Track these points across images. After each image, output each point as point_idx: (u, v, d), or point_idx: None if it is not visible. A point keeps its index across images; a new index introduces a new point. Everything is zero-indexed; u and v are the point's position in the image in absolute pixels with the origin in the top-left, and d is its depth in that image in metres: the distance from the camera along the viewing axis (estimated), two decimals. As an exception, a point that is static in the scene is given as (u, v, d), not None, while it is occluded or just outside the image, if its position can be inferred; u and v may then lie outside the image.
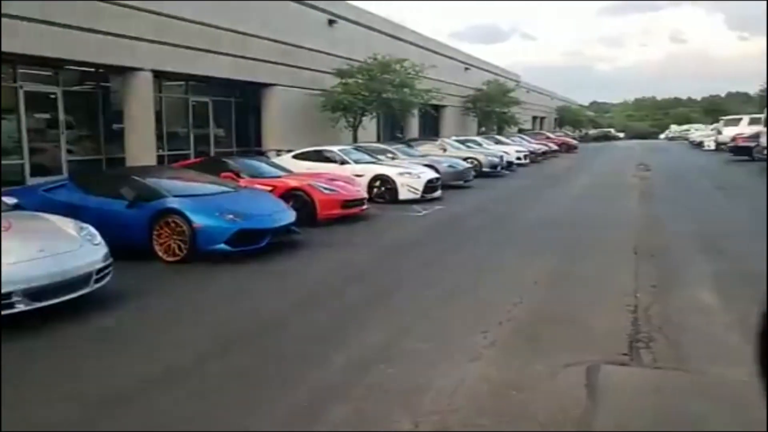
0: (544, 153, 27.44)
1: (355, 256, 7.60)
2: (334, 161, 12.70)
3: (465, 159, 17.77)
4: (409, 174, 12.57)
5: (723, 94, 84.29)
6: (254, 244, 7.14)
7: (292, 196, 9.41)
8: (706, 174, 18.40)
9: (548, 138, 33.28)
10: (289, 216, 7.86)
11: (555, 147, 30.69)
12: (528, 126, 46.87)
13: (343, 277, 6.55)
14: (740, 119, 27.41)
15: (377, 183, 12.45)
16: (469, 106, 32.81)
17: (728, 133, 26.13)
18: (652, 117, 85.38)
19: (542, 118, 55.40)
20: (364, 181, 12.32)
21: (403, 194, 12.29)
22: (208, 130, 16.06)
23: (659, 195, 13.59)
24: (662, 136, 64.13)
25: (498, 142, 24.60)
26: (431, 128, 29.39)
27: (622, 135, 66.67)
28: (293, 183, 9.76)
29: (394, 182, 12.33)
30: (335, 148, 13.17)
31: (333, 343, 4.38)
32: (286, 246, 7.78)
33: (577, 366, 3.86)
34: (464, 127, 32.42)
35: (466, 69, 33.40)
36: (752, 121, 25.00)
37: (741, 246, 7.70)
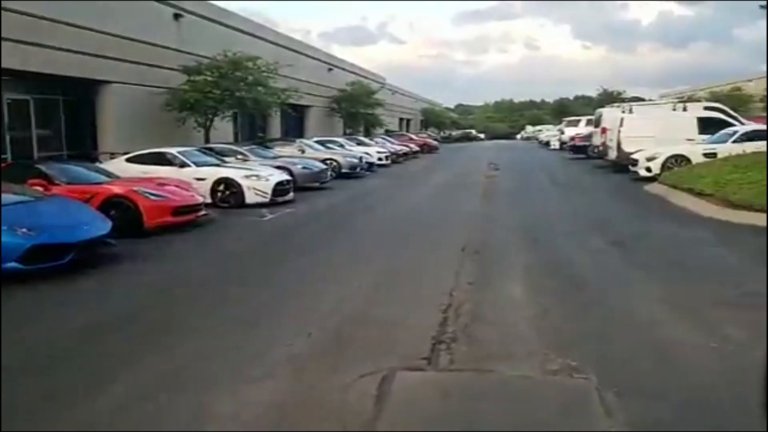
0: (405, 154, 28.11)
1: (175, 270, 6.99)
2: (173, 164, 11.85)
3: (324, 160, 17.57)
4: (257, 177, 12.08)
5: (571, 97, 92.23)
6: (55, 261, 6.30)
7: (115, 204, 8.57)
8: (546, 171, 19.81)
9: (411, 139, 34.25)
10: (102, 227, 7.08)
11: (416, 148, 31.61)
12: (395, 127, 47.99)
13: (154, 294, 5.96)
14: (579, 120, 30.05)
15: (221, 187, 11.80)
16: (333, 107, 32.78)
17: (569, 133, 28.53)
18: (510, 119, 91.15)
19: (408, 120, 57.05)
20: (207, 185, 11.63)
21: (250, 198, 11.77)
22: (30, 131, 14.30)
23: (501, 193, 14.32)
24: (518, 136, 68.82)
25: (360, 144, 24.76)
26: (296, 129, 28.94)
27: (482, 136, 70.60)
28: (116, 189, 8.87)
29: (239, 186, 11.77)
30: (174, 150, 12.29)
31: (108, 377, 3.85)
32: (106, 260, 6.99)
33: (372, 375, 3.72)
34: (330, 128, 32.32)
35: (330, 70, 33.35)
36: (588, 122, 27.46)
37: (559, 239, 8.22)
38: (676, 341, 4.26)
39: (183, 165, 11.87)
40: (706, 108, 18.98)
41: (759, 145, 12.81)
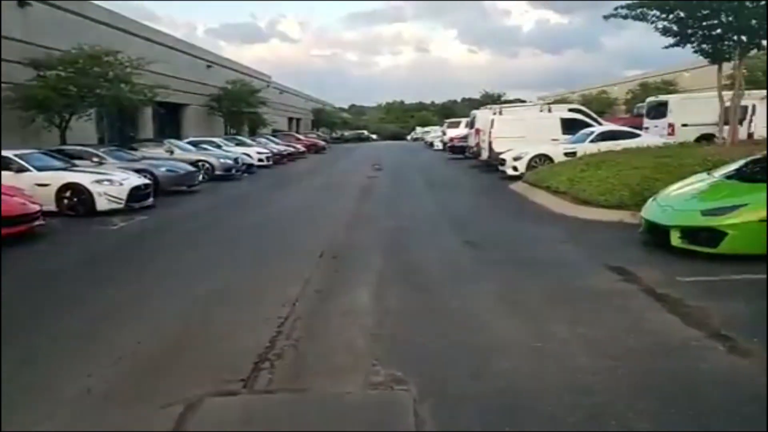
0: (290, 154, 27.54)
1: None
2: (10, 169, 10.57)
3: (194, 162, 16.66)
4: (109, 181, 11.08)
5: (459, 100, 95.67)
6: None
7: None
8: (424, 172, 20.16)
9: (298, 139, 33.68)
10: None
11: (303, 148, 31.12)
12: (284, 127, 47.03)
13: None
14: (459, 122, 31.03)
15: (67, 193, 10.71)
16: (213, 106, 31.39)
17: (450, 134, 29.38)
18: (401, 120, 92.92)
19: (298, 120, 56.24)
20: (51, 192, 10.51)
21: (102, 204, 10.78)
22: None
23: (377, 194, 14.30)
24: (409, 137, 70.29)
25: (240, 144, 23.88)
26: (172, 128, 27.34)
27: (375, 136, 71.30)
28: None
29: (88, 191, 10.74)
30: (11, 153, 10.98)
31: None
32: None
33: (176, 405, 3.34)
34: (211, 128, 30.93)
35: (209, 67, 31.90)
36: (467, 124, 28.44)
37: (419, 241, 8.21)
38: (503, 343, 4.25)
39: (21, 170, 10.64)
40: (570, 110, 20.21)
41: (610, 145, 13.81)
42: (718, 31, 11.44)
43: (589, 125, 17.27)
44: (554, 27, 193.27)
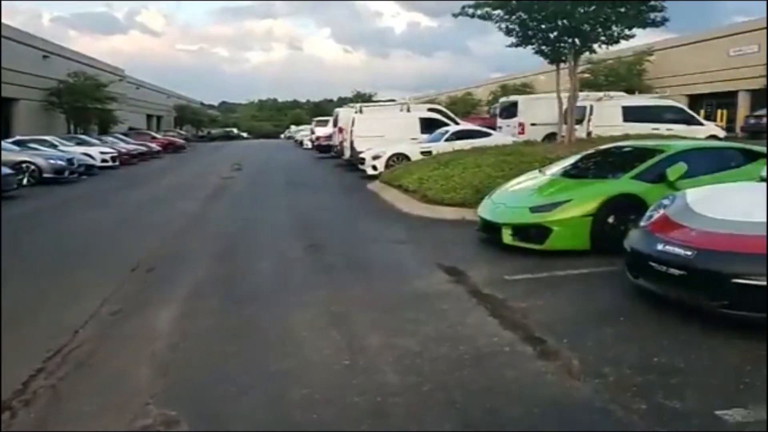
0: (142, 154, 25.44)
1: None
2: None
3: (16, 164, 14.60)
4: None
5: (335, 99, 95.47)
6: None
7: None
8: (287, 171, 19.47)
9: (153, 138, 31.34)
10: None
11: (158, 147, 28.96)
12: (142, 125, 43.73)
13: None
14: (328, 121, 30.62)
15: None
16: (53, 101, 28.18)
17: (318, 133, 28.86)
18: (275, 118, 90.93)
19: (159, 117, 52.70)
20: None
21: None
22: None
23: (229, 196, 13.43)
24: (282, 135, 68.84)
25: (81, 143, 21.56)
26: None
27: (246, 135, 68.96)
28: None
29: None
30: None
31: None
32: None
33: None
34: (50, 126, 27.73)
35: (45, 57, 28.59)
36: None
37: (258, 246, 7.60)
38: (311, 363, 3.80)
39: None
40: (429, 110, 20.55)
41: (463, 143, 14.10)
42: (555, 33, 12.00)
43: (446, 125, 17.61)
44: (425, 30, 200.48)
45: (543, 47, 12.32)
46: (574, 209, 6.27)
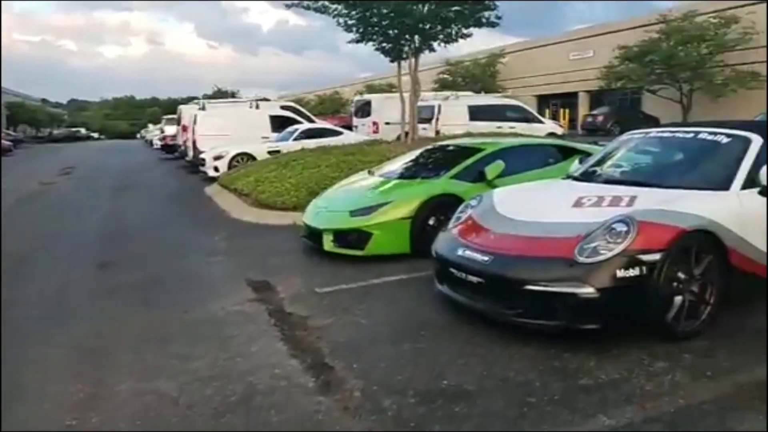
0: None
1: None
2: None
3: None
4: None
5: (201, 96, 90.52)
6: None
7: None
8: (123, 174, 17.65)
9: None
10: None
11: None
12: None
13: None
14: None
15: None
16: None
17: (168, 132, 26.78)
18: (131, 116, 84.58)
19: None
20: None
21: None
22: None
23: (42, 204, 11.76)
24: (139, 135, 63.98)
25: None
26: None
27: (97, 135, 63.19)
28: None
29: None
30: None
31: None
32: None
33: None
34: None
35: None
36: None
37: (41, 269, 6.41)
38: (24, 426, 2.95)
39: None
40: (282, 107, 19.71)
41: (313, 142, 13.49)
42: (396, 31, 11.79)
43: (298, 123, 16.91)
44: (294, 28, 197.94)
45: (384, 44, 12.07)
46: (393, 212, 5.90)
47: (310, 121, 18.57)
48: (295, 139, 14.67)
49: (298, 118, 17.61)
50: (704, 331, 3.72)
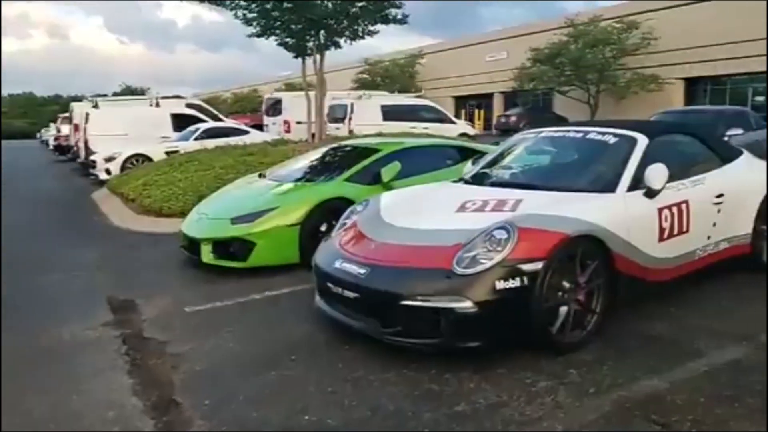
0: None
1: None
2: None
3: None
4: None
5: (110, 94, 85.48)
6: None
7: None
8: (7, 179, 16.00)
9: None
10: None
11: None
12: None
13: None
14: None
15: None
16: None
17: (64, 131, 24.83)
18: (32, 115, 78.69)
19: None
20: None
21: None
22: None
23: None
24: (39, 134, 59.47)
25: None
26: None
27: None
28: None
29: None
30: None
31: None
32: None
33: None
34: None
35: None
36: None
37: None
38: None
39: None
40: (188, 105, 18.66)
41: (217, 142, 12.68)
42: (300, 26, 11.27)
43: (203, 121, 15.99)
44: (210, 25, 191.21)
45: (287, 40, 11.52)
46: (279, 218, 5.41)
47: (218, 119, 17.73)
48: (196, 139, 13.80)
49: (203, 117, 16.69)
50: (591, 341, 3.53)
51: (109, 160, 12.93)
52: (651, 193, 3.82)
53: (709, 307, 4.12)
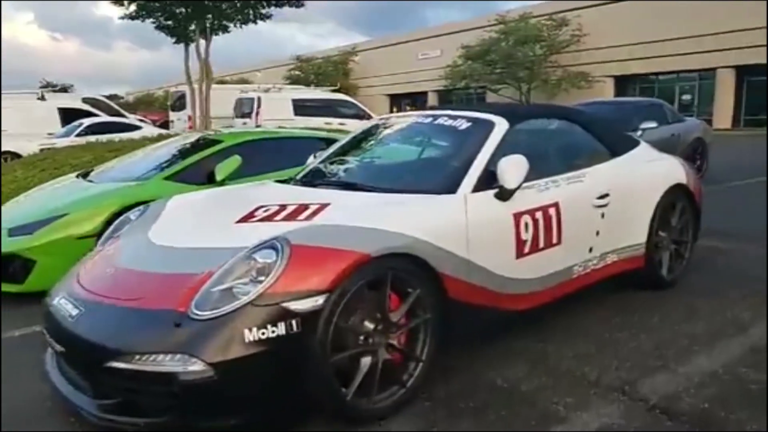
0: None
1: None
2: None
3: None
4: None
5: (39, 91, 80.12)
6: None
7: None
8: None
9: None
10: None
11: None
12: None
13: None
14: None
15: None
16: None
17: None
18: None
19: None
20: None
21: None
22: None
23: None
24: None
25: None
26: None
27: None
28: None
29: None
30: None
31: None
32: None
33: None
34: None
35: None
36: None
37: None
38: None
39: None
40: (84, 100, 16.96)
41: (104, 138, 11.22)
42: (183, 9, 9.98)
43: (95, 116, 14.41)
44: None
45: (167, 22, 10.20)
46: (68, 228, 4.19)
47: (120, 115, 16.18)
48: (78, 135, 12.29)
49: (96, 112, 15.09)
50: (413, 401, 2.52)
51: (-32, 159, 11.22)
52: (504, 194, 2.85)
53: (586, 341, 3.20)
